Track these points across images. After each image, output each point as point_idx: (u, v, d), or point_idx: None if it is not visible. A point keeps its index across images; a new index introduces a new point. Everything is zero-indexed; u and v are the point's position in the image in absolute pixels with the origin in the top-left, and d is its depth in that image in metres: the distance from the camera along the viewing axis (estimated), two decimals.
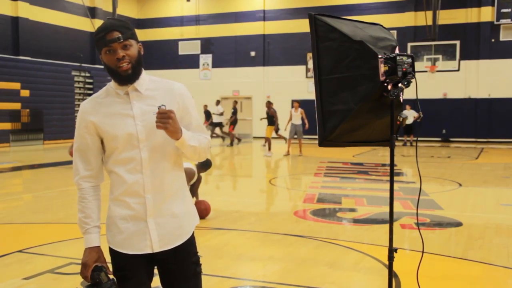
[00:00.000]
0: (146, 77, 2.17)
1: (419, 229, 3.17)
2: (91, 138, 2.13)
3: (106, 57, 2.07)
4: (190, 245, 2.21)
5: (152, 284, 2.28)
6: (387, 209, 3.37)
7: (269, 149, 16.00)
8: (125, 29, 2.07)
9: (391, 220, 2.98)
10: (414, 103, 13.98)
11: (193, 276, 2.22)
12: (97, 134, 2.13)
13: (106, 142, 2.13)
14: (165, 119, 1.96)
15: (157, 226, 2.12)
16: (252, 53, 26.60)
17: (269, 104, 16.61)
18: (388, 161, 3.20)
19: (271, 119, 16.20)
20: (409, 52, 19.75)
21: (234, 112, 20.59)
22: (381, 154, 16.75)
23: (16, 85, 20.03)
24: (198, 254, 2.27)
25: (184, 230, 2.19)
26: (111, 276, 2.15)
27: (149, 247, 2.12)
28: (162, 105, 2.04)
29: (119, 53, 2.04)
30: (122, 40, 2.04)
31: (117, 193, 2.13)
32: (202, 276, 2.28)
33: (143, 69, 2.16)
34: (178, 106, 2.14)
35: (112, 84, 2.16)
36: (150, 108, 2.09)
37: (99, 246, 2.15)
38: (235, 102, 21.74)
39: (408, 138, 20.97)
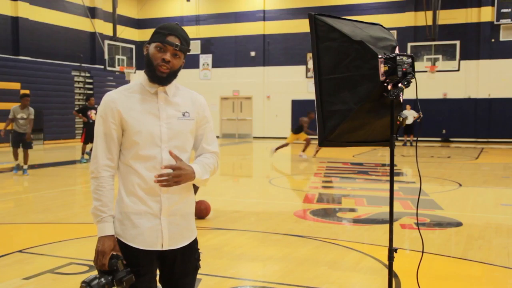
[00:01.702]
0: (176, 85, 2.28)
1: (419, 229, 3.17)
2: (115, 128, 2.16)
3: (154, 51, 2.15)
4: (194, 243, 2.31)
5: None
6: (387, 209, 3.38)
7: (304, 150, 15.42)
8: (185, 42, 2.18)
9: (391, 220, 2.98)
10: (414, 103, 13.94)
11: (193, 271, 2.31)
12: (120, 125, 2.16)
13: (127, 135, 2.16)
14: (177, 178, 2.09)
15: (169, 225, 2.19)
16: (252, 53, 26.61)
17: (310, 116, 15.46)
18: (388, 161, 3.20)
19: (300, 128, 15.36)
20: (409, 52, 19.75)
21: None
22: (381, 154, 16.76)
23: (16, 85, 20.02)
24: (199, 250, 2.36)
25: (192, 230, 2.30)
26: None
27: (160, 244, 2.18)
28: (186, 112, 2.21)
29: (167, 56, 2.14)
30: (177, 49, 2.14)
31: (132, 188, 2.16)
32: (203, 276, 2.31)
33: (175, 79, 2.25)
34: (198, 116, 2.27)
35: (142, 80, 2.22)
36: (175, 113, 2.20)
37: (114, 235, 2.17)
38: None
39: (408, 138, 20.97)
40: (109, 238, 2.14)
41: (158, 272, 2.32)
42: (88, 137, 13.21)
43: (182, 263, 2.25)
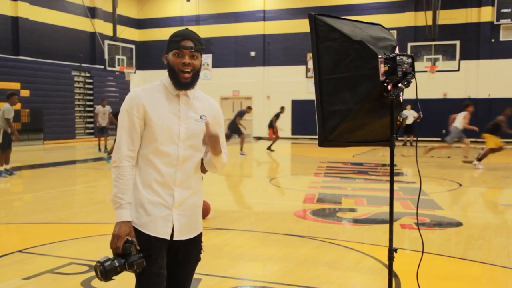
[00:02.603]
0: (196, 87, 2.43)
1: (419, 229, 3.17)
2: (139, 122, 2.31)
3: (173, 58, 2.34)
4: (199, 236, 2.48)
5: None
6: (387, 209, 3.38)
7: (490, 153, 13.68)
8: (198, 43, 2.36)
9: (391, 220, 2.98)
10: (414, 103, 13.87)
11: (195, 261, 2.49)
12: (144, 119, 2.31)
13: (148, 130, 2.31)
14: (215, 141, 2.32)
15: (180, 217, 2.35)
16: (252, 53, 26.61)
17: (506, 113, 13.95)
18: (388, 161, 3.20)
19: (497, 127, 13.73)
20: (409, 52, 19.74)
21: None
22: (381, 154, 16.76)
23: (16, 85, 20.00)
24: (202, 243, 2.52)
25: (199, 225, 2.47)
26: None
27: (169, 234, 2.33)
28: (203, 115, 2.39)
29: (186, 59, 2.31)
30: (193, 50, 2.32)
31: (149, 180, 2.32)
32: (203, 276, 2.34)
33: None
34: (213, 121, 2.44)
35: (166, 82, 2.38)
36: (194, 115, 2.37)
37: (130, 222, 2.30)
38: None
39: (408, 138, 20.96)
40: (125, 223, 2.27)
41: None
42: None
43: (185, 253, 2.41)
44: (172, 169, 2.31)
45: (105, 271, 2.18)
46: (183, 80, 2.31)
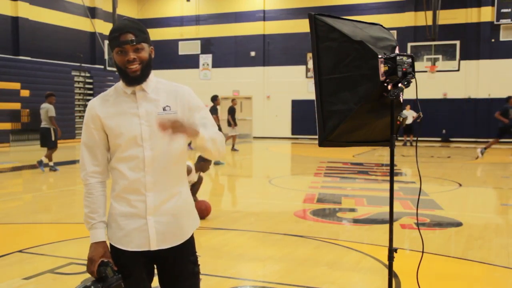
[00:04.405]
0: (154, 78, 2.21)
1: (419, 229, 3.17)
2: (98, 134, 2.17)
3: (117, 57, 2.12)
4: (188, 245, 2.25)
5: (152, 284, 2.29)
6: (387, 209, 3.37)
7: None
8: (139, 31, 2.12)
9: (391, 220, 2.98)
10: (414, 103, 13.86)
11: (191, 276, 2.24)
12: (103, 130, 2.17)
13: (110, 139, 2.17)
14: (177, 127, 1.98)
15: (156, 224, 2.15)
16: (252, 53, 26.61)
17: None
18: (388, 161, 3.20)
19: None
20: (409, 52, 19.74)
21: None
22: (381, 154, 16.76)
23: (16, 85, 20.02)
24: (197, 254, 2.30)
25: (183, 231, 2.22)
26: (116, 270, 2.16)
27: (147, 244, 2.15)
28: (167, 106, 2.14)
29: (130, 55, 2.09)
30: (135, 43, 2.09)
31: (118, 190, 2.16)
32: (202, 276, 2.29)
33: (151, 71, 2.21)
34: (183, 109, 2.18)
35: (120, 83, 2.20)
36: (155, 109, 2.15)
37: (105, 241, 2.18)
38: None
39: (408, 138, 20.97)
40: (99, 244, 2.16)
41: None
42: None
43: (174, 265, 2.21)
44: (140, 173, 2.11)
45: None
46: (132, 75, 2.10)
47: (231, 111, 17.29)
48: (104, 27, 25.15)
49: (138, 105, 2.15)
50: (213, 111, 13.59)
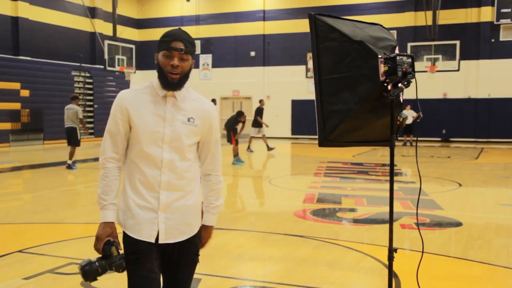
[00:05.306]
0: (186, 88, 2.36)
1: (419, 229, 3.17)
2: (123, 125, 2.30)
3: (163, 59, 2.27)
4: (194, 238, 2.42)
5: None
6: (387, 209, 3.38)
7: None
8: (189, 43, 2.28)
9: (391, 220, 2.98)
10: (414, 103, 13.87)
11: (191, 265, 2.42)
12: (128, 122, 2.29)
13: (132, 132, 2.30)
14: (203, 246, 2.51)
15: (166, 220, 2.29)
16: (252, 53, 26.60)
17: None
18: (388, 161, 3.20)
19: None
20: (409, 52, 19.74)
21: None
22: (381, 154, 16.75)
23: (16, 85, 20.02)
24: (198, 245, 2.48)
25: (191, 228, 2.39)
26: (121, 251, 2.28)
27: (154, 237, 2.28)
28: (191, 117, 2.32)
29: (175, 61, 2.25)
30: (183, 52, 2.25)
31: (135, 183, 2.30)
32: (203, 276, 2.33)
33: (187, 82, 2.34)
34: (204, 123, 2.36)
35: (154, 83, 2.33)
36: (180, 117, 2.30)
37: (113, 222, 2.30)
38: None
39: (408, 138, 20.97)
40: (107, 224, 2.28)
41: None
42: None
43: (179, 255, 2.35)
44: (157, 171, 2.27)
45: (85, 274, 2.21)
46: (170, 80, 2.25)
47: (259, 112, 17.77)
48: (104, 27, 25.14)
49: (166, 109, 2.29)
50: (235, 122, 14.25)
